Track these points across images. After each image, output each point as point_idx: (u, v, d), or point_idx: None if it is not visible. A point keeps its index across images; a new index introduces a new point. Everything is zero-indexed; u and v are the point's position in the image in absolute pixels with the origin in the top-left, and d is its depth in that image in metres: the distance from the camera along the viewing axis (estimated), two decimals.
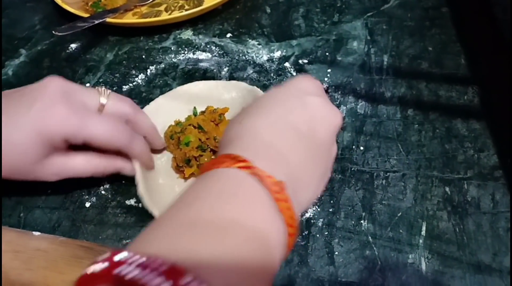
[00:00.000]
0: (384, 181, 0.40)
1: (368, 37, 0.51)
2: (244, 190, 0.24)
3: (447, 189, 0.39)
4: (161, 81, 0.51)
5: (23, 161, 0.34)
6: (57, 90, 0.34)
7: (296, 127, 0.29)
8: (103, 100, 0.37)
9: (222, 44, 0.53)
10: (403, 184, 0.40)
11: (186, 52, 0.53)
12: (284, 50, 0.51)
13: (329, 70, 0.49)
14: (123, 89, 0.50)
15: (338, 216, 0.38)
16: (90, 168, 0.38)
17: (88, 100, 0.36)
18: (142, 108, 0.42)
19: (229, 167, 0.25)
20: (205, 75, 0.50)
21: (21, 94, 0.35)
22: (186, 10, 0.56)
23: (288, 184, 0.26)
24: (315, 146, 0.30)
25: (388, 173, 0.40)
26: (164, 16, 0.56)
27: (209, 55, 0.52)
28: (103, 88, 0.38)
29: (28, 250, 0.33)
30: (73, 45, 0.56)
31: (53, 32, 0.49)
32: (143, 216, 0.39)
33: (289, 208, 0.25)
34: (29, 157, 0.34)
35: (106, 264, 0.19)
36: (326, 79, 0.48)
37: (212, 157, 0.40)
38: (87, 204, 0.40)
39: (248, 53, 0.52)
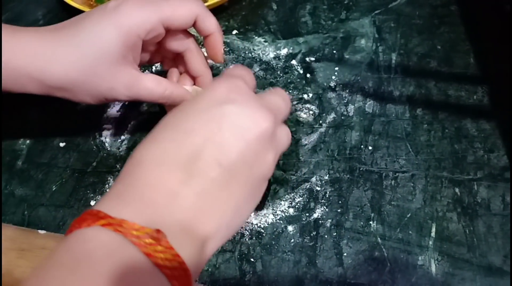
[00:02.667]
0: (393, 182, 0.39)
1: (376, 35, 0.51)
2: (104, 253, 0.22)
3: (457, 190, 0.38)
4: None
5: (102, 61, 0.33)
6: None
7: (195, 152, 0.27)
8: None
9: (228, 41, 0.53)
10: (412, 184, 0.39)
11: None
12: (291, 48, 0.51)
13: (336, 68, 0.48)
14: None
15: (346, 217, 0.38)
16: (160, 89, 0.36)
17: None
18: None
19: (90, 226, 0.23)
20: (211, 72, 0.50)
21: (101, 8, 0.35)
22: None
23: (181, 226, 0.24)
24: (224, 170, 0.27)
25: (397, 174, 0.40)
26: None
27: None
28: None
29: (34, 248, 0.32)
30: None
31: None
32: None
33: (171, 258, 0.22)
34: (108, 56, 0.33)
35: None
36: (333, 77, 0.47)
37: None
38: (92, 202, 0.40)
39: (255, 50, 0.51)
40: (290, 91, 0.47)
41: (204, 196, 0.26)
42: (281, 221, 0.38)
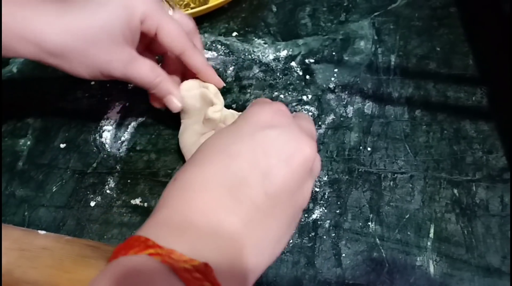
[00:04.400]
0: (391, 183, 0.39)
1: (376, 37, 0.51)
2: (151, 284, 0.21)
3: (455, 191, 0.39)
4: None
5: (106, 34, 0.35)
6: None
7: (241, 178, 0.26)
8: (170, 12, 0.39)
9: (228, 43, 0.53)
10: (411, 185, 0.39)
11: None
12: (291, 49, 0.51)
13: (335, 70, 0.48)
14: (129, 87, 0.50)
15: (345, 218, 0.38)
16: (152, 76, 0.38)
17: None
18: None
19: (138, 254, 0.22)
20: None
21: None
22: (192, 8, 0.56)
23: (223, 258, 0.23)
24: (269, 198, 0.26)
25: (395, 175, 0.40)
26: None
27: (215, 53, 0.52)
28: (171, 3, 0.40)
29: (34, 248, 0.32)
30: None
31: None
32: (149, 216, 0.39)
33: None
34: (112, 31, 0.35)
35: None
36: (332, 78, 0.48)
37: None
38: (92, 203, 0.40)
39: (254, 52, 0.52)
40: (289, 93, 0.47)
41: (251, 225, 0.25)
42: None
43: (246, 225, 0.25)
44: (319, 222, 0.38)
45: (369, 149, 0.42)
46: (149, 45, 0.42)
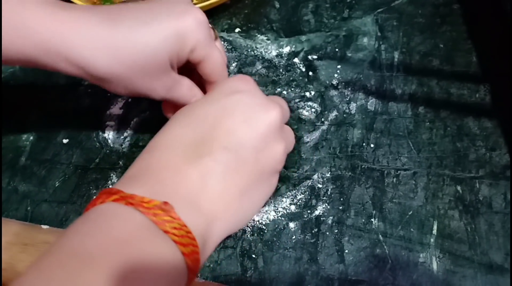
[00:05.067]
0: (394, 179, 0.39)
1: (379, 33, 0.51)
2: (116, 222, 0.24)
3: (458, 188, 0.39)
4: None
5: (154, 62, 0.31)
6: (193, 7, 0.33)
7: (204, 136, 0.29)
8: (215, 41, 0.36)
9: (231, 39, 0.53)
10: (414, 182, 0.39)
11: None
12: (293, 46, 0.51)
13: (338, 66, 0.48)
14: None
15: (348, 214, 0.38)
16: (189, 95, 0.35)
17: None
18: None
19: (104, 202, 0.25)
20: None
21: (157, 3, 0.33)
22: (194, 4, 0.55)
23: (187, 201, 0.26)
24: (229, 152, 0.28)
25: (399, 171, 0.40)
26: None
27: None
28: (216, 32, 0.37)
29: (37, 243, 0.33)
30: None
31: None
32: None
33: (178, 227, 0.24)
34: (161, 58, 0.31)
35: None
36: (335, 75, 0.47)
37: None
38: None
39: (257, 48, 0.51)
40: (292, 89, 0.47)
41: (209, 177, 0.28)
42: (282, 218, 0.38)
43: (205, 177, 0.27)
44: (322, 218, 0.38)
45: (372, 145, 0.42)
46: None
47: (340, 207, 0.38)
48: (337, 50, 0.50)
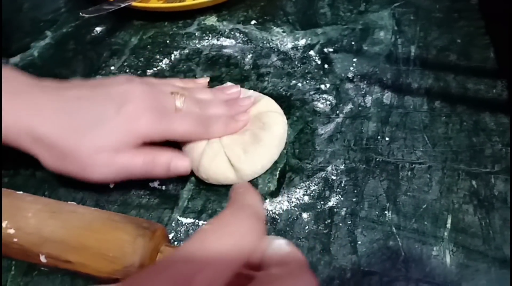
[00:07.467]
0: (409, 173, 0.39)
1: (395, 28, 0.51)
2: None
3: (473, 182, 0.38)
4: (185, 67, 0.50)
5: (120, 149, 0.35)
6: (144, 96, 0.36)
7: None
8: (179, 104, 0.38)
9: (246, 31, 0.53)
10: (428, 176, 0.39)
11: (210, 38, 0.53)
12: (309, 38, 0.51)
13: (354, 59, 0.48)
14: (147, 74, 0.50)
15: (361, 206, 0.38)
16: (166, 165, 0.37)
17: (167, 104, 0.37)
18: None
19: None
20: (229, 61, 0.50)
21: (106, 95, 0.36)
22: None
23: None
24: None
25: (413, 165, 0.40)
26: (189, 2, 0.56)
27: (233, 41, 0.52)
28: (178, 94, 0.38)
29: (65, 212, 0.33)
30: (98, 28, 0.56)
31: (80, 13, 0.49)
32: (166, 199, 0.39)
33: None
34: (125, 147, 0.36)
35: None
36: (351, 68, 0.47)
37: None
38: (111, 185, 0.40)
39: (273, 40, 0.52)
40: (307, 81, 0.47)
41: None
42: (296, 208, 0.38)
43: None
44: (335, 210, 0.38)
45: (387, 139, 0.42)
46: None
47: (354, 199, 0.38)
48: (353, 43, 0.50)
